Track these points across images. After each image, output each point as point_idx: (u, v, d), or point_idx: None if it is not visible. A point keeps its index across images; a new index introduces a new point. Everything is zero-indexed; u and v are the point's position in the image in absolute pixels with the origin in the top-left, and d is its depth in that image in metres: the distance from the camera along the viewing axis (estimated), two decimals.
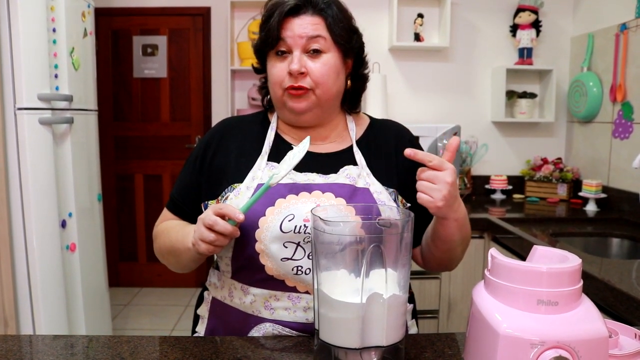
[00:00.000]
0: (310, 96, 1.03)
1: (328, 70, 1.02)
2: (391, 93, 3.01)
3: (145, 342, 0.91)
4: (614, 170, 2.55)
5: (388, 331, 0.75)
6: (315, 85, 1.02)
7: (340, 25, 1.03)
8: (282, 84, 1.02)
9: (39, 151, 2.03)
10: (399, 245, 0.76)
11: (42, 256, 2.03)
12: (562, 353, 0.65)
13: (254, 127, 1.13)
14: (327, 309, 0.76)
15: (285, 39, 1.01)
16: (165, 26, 3.63)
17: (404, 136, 1.15)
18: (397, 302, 0.76)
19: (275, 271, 0.96)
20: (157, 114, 3.73)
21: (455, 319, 2.34)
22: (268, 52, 1.05)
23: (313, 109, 1.04)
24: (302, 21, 1.01)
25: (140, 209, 3.82)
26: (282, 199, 0.97)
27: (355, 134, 1.12)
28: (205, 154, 1.10)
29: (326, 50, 1.02)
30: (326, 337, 0.77)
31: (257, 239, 0.96)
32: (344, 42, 1.04)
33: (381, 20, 3.01)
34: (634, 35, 2.36)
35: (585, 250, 2.03)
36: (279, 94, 1.04)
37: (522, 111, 2.95)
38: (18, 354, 0.87)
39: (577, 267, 0.70)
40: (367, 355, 0.74)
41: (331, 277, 0.77)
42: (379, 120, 1.19)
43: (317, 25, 1.01)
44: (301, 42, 1.00)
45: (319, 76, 1.01)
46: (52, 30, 2.11)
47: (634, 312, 1.25)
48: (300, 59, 1.00)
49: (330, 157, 1.08)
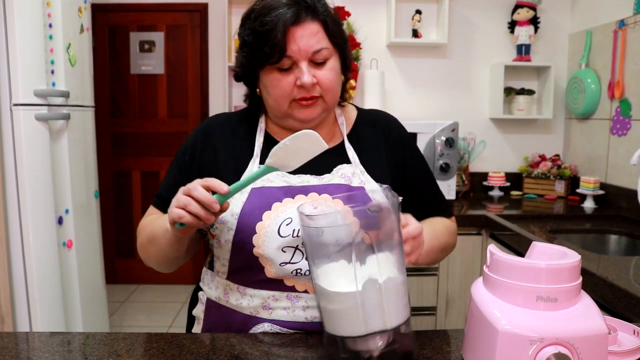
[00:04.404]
0: (320, 104, 1.02)
1: (334, 75, 1.02)
2: (389, 89, 3.00)
3: (142, 339, 0.91)
4: (611, 167, 2.55)
5: (389, 314, 0.76)
6: (324, 93, 1.01)
7: (336, 27, 1.02)
8: (290, 96, 1.00)
9: (36, 147, 2.02)
10: (391, 227, 0.77)
11: (38, 253, 2.02)
12: (561, 349, 0.65)
13: (242, 125, 1.11)
14: (326, 302, 0.78)
15: (291, 56, 0.97)
16: (163, 22, 3.62)
17: (393, 127, 1.15)
18: (394, 285, 0.76)
19: (274, 274, 0.96)
20: (154, 111, 3.72)
21: (453, 315, 2.34)
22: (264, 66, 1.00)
23: (322, 113, 1.04)
24: (304, 31, 0.97)
25: (137, 206, 3.81)
26: (279, 203, 0.96)
27: (345, 128, 1.11)
28: (193, 151, 1.08)
29: (329, 57, 1.01)
30: (331, 329, 0.78)
31: (255, 244, 0.95)
32: (341, 44, 1.04)
33: (379, 17, 3.00)
34: (632, 31, 2.36)
35: (583, 247, 2.03)
36: (285, 106, 1.02)
37: (520, 108, 2.95)
38: (14, 351, 0.86)
39: (577, 263, 0.70)
40: (372, 340, 0.75)
41: (326, 271, 0.78)
42: (365, 111, 1.18)
43: (319, 34, 0.99)
44: (307, 55, 0.98)
45: (328, 84, 1.00)
46: (48, 25, 2.09)
47: (632, 309, 1.25)
48: (309, 71, 0.98)
49: (322, 155, 1.06)
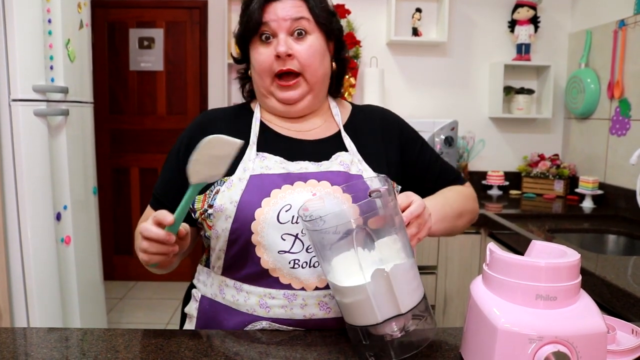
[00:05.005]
0: (301, 84, 1.03)
1: (314, 52, 1.02)
2: (389, 87, 3.00)
3: (140, 335, 0.90)
4: (610, 166, 2.55)
5: (402, 299, 0.77)
6: (302, 69, 1.01)
7: (320, 7, 1.04)
8: (270, 69, 1.02)
9: (34, 143, 2.01)
10: (391, 212, 0.79)
11: (36, 249, 2.01)
12: (560, 348, 0.65)
13: (237, 118, 1.10)
14: (340, 296, 0.80)
15: (268, 23, 1.00)
16: (162, 19, 3.61)
17: (389, 118, 1.14)
18: (402, 270, 0.77)
19: (271, 264, 0.93)
20: (153, 107, 3.71)
21: (451, 313, 2.35)
22: (251, 39, 1.04)
23: (305, 96, 1.04)
24: (284, 4, 1.01)
25: (135, 203, 3.80)
26: (278, 190, 0.95)
27: (341, 119, 1.11)
28: (188, 147, 1.04)
29: (310, 32, 1.02)
30: (350, 320, 0.80)
31: (254, 231, 0.93)
32: (326, 23, 1.04)
33: (379, 15, 3.00)
34: (633, 31, 2.36)
35: (582, 246, 2.03)
36: (267, 82, 1.03)
37: (519, 107, 2.95)
38: (12, 346, 0.86)
39: (576, 262, 0.70)
40: (389, 326, 0.77)
41: (334, 265, 0.78)
42: (360, 106, 1.18)
43: (299, 7, 1.01)
44: (285, 24, 1.00)
45: (306, 58, 1.01)
46: (47, 21, 2.08)
47: (630, 309, 1.25)
48: (286, 41, 1.00)
49: (320, 143, 1.06)
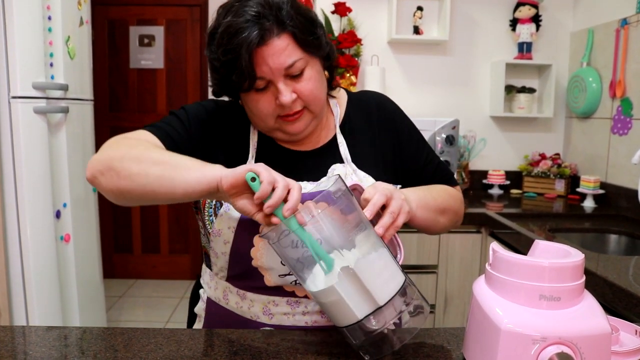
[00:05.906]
0: (307, 115, 0.98)
1: (314, 83, 0.96)
2: (390, 86, 2.99)
3: (139, 334, 0.90)
4: (612, 166, 2.55)
5: (376, 292, 0.74)
6: (308, 104, 0.97)
7: (307, 33, 0.94)
8: (272, 114, 0.96)
9: (34, 141, 2.00)
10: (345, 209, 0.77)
11: (36, 247, 2.01)
12: (564, 349, 0.65)
13: (236, 120, 1.06)
14: (316, 300, 0.80)
15: (264, 77, 0.92)
16: (162, 17, 3.61)
17: (386, 108, 1.11)
18: (368, 263, 0.75)
19: (274, 283, 0.95)
20: (153, 105, 3.71)
21: (452, 313, 2.34)
22: (238, 93, 0.98)
23: (310, 123, 1.00)
24: (272, 49, 0.90)
25: None
26: None
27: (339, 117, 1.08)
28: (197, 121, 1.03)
29: (305, 66, 0.95)
30: (336, 323, 0.79)
31: (253, 257, 0.94)
32: (317, 48, 0.97)
33: (380, 13, 2.99)
34: (635, 30, 2.35)
35: (583, 246, 2.03)
36: (270, 123, 0.98)
37: (520, 106, 2.94)
38: (11, 345, 0.85)
39: (580, 262, 0.70)
40: (372, 321, 0.75)
41: (305, 274, 0.78)
42: (356, 95, 1.14)
43: (288, 47, 0.92)
44: (280, 73, 0.92)
45: (308, 94, 0.95)
46: (47, 18, 2.08)
47: (632, 309, 1.24)
48: (286, 89, 0.93)
49: (316, 154, 1.04)
